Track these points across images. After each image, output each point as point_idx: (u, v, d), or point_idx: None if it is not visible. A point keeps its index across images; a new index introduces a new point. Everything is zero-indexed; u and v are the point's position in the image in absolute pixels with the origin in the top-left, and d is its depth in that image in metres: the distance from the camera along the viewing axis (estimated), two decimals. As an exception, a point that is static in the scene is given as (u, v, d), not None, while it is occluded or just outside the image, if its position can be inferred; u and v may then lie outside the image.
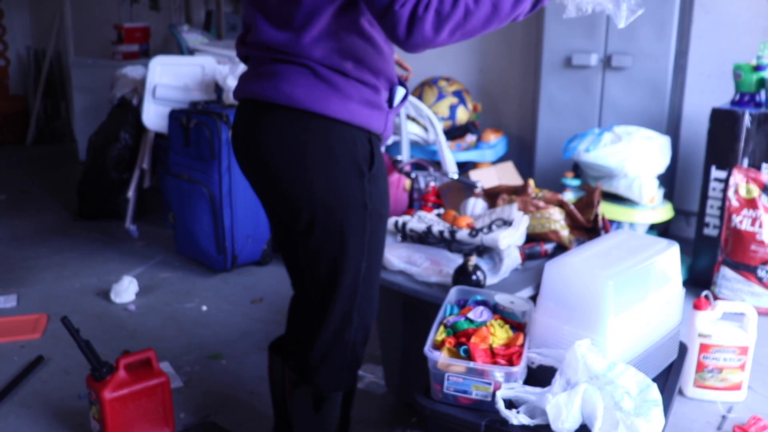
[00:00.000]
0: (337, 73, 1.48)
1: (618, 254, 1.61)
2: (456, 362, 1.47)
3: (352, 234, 1.56)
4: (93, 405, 2.04)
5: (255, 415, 2.27)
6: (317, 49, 1.46)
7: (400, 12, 1.32)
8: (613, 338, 1.49)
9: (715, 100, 3.25)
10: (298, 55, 1.47)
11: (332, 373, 1.67)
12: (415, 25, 1.33)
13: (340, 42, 1.47)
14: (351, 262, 1.58)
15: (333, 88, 1.48)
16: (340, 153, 1.51)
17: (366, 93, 1.52)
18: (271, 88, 1.50)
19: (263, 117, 1.54)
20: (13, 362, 2.59)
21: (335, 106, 1.49)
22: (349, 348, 1.65)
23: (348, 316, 1.63)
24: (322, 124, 1.50)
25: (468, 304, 1.70)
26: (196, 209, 3.33)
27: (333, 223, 1.55)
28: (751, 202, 2.93)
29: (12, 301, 3.12)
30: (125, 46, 5.33)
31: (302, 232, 1.58)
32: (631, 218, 3.14)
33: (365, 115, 1.52)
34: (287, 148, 1.53)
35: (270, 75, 1.51)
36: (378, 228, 1.60)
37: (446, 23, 1.34)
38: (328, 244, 1.58)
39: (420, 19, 1.32)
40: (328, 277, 1.60)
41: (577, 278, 1.52)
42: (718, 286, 3.02)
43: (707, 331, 2.25)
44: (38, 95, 6.38)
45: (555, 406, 1.37)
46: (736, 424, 2.16)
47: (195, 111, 3.36)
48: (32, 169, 5.57)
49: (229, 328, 2.88)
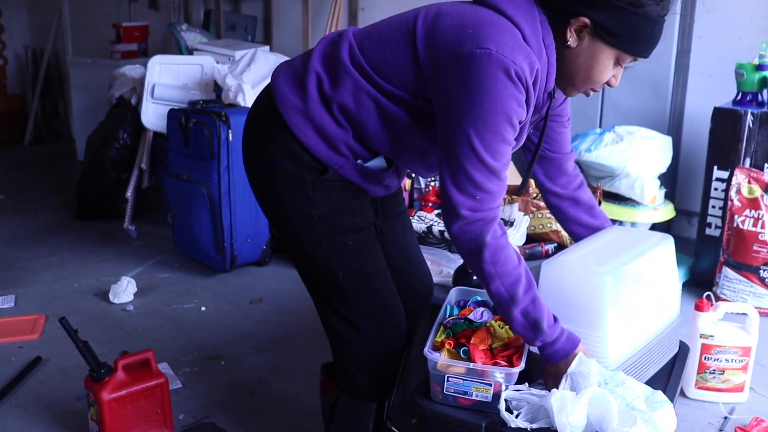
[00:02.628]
0: (321, 100, 1.47)
1: (613, 250, 1.60)
2: (456, 363, 1.45)
3: (307, 242, 1.54)
4: (91, 406, 2.03)
5: (254, 416, 2.26)
6: (346, 86, 1.44)
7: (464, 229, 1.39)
8: (614, 334, 1.48)
9: (716, 99, 3.24)
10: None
11: (348, 379, 1.66)
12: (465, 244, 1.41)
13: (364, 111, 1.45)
14: (321, 270, 1.56)
15: (304, 101, 1.48)
16: (274, 153, 1.51)
17: (329, 127, 1.48)
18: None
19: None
20: (11, 363, 2.57)
21: (294, 117, 1.48)
22: (361, 358, 1.62)
23: (343, 323, 1.59)
24: (274, 123, 1.51)
25: (468, 305, 1.69)
26: (195, 209, 3.32)
27: (281, 227, 1.58)
28: (754, 202, 2.92)
29: (10, 301, 3.11)
30: (124, 45, 5.32)
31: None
32: (633, 218, 3.14)
33: (314, 141, 1.49)
34: (246, 138, 1.59)
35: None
36: (339, 238, 1.54)
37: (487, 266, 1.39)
38: (290, 251, 1.61)
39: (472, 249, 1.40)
40: (306, 282, 1.63)
41: (574, 276, 1.51)
42: (720, 287, 3.01)
43: (709, 331, 2.24)
44: (36, 95, 6.36)
45: (560, 398, 1.35)
46: (738, 426, 2.15)
47: (194, 110, 3.35)
48: (30, 169, 5.56)
49: (228, 329, 2.87)
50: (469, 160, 1.35)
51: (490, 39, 1.32)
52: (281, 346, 2.72)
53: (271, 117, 1.50)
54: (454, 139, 1.35)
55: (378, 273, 1.61)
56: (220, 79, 3.65)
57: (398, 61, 1.41)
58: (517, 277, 1.40)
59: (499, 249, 1.39)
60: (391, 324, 1.62)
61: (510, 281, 1.40)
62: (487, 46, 1.31)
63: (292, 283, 3.32)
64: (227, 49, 4.15)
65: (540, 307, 1.41)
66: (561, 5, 1.39)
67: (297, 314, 2.98)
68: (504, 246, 1.40)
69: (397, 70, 1.41)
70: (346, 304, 1.57)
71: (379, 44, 1.43)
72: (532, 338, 1.42)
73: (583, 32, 1.40)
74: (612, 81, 1.48)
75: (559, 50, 1.42)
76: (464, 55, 1.32)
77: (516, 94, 1.34)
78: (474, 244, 1.39)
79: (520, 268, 1.41)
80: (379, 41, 1.44)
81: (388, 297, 1.61)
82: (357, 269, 1.57)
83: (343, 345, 1.62)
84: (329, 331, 1.64)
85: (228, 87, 3.54)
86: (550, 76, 1.44)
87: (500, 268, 1.39)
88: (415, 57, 1.39)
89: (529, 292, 1.41)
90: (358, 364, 1.62)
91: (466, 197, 1.37)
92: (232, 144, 3.23)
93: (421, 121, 1.44)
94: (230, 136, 3.22)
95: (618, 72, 1.47)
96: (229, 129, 3.22)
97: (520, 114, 1.37)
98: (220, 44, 4.40)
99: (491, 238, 1.38)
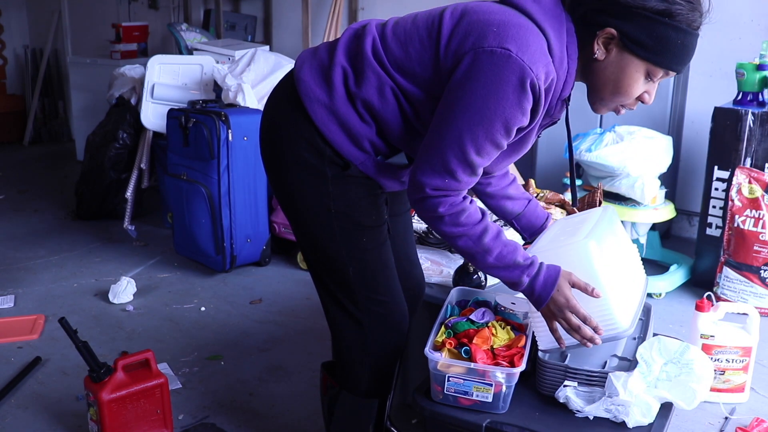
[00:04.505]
0: (346, 93, 1.46)
1: (573, 230, 1.58)
2: (456, 363, 1.45)
3: (321, 236, 1.54)
4: (91, 406, 2.03)
5: (254, 417, 2.25)
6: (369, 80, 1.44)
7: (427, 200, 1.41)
8: (615, 297, 1.46)
9: (717, 99, 3.24)
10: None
11: (348, 374, 1.66)
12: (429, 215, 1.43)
13: (382, 98, 1.44)
14: (332, 264, 1.56)
15: (329, 96, 1.46)
16: (297, 145, 1.50)
17: (354, 123, 1.47)
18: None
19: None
20: (10, 363, 2.57)
21: (319, 111, 1.47)
22: (365, 354, 1.62)
23: (348, 318, 1.60)
24: (291, 114, 1.50)
25: (469, 305, 1.68)
26: (195, 209, 3.31)
27: (295, 219, 1.58)
28: (754, 202, 2.91)
29: (9, 301, 3.10)
30: (123, 45, 5.31)
31: None
32: (633, 218, 3.13)
33: (338, 137, 1.48)
34: (266, 128, 1.59)
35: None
36: (354, 234, 1.54)
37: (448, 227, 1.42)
38: (301, 242, 1.61)
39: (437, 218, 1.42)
40: (314, 275, 1.63)
41: (559, 255, 1.47)
42: (720, 287, 3.01)
43: (710, 332, 2.24)
44: (36, 94, 6.36)
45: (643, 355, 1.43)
46: (739, 426, 2.14)
47: (194, 110, 3.34)
48: (30, 169, 5.55)
49: (227, 329, 2.86)
50: (451, 149, 1.35)
51: (513, 40, 1.30)
52: (281, 346, 2.72)
53: (294, 108, 1.49)
54: (446, 125, 1.35)
55: (387, 270, 1.61)
56: (219, 79, 3.64)
57: (422, 60, 1.40)
58: (483, 230, 1.42)
59: (457, 214, 1.41)
60: (394, 321, 1.62)
61: (476, 235, 1.42)
62: (508, 47, 1.29)
63: (292, 283, 3.31)
64: (227, 49, 4.15)
65: (514, 248, 1.43)
66: (588, 17, 1.36)
67: (297, 314, 2.98)
68: (464, 208, 1.41)
69: (419, 68, 1.40)
70: (352, 299, 1.58)
71: (404, 42, 1.42)
72: (516, 278, 1.42)
73: (611, 44, 1.36)
74: (645, 97, 1.43)
75: (587, 63, 1.40)
76: (484, 51, 1.30)
77: (523, 103, 1.32)
78: (431, 213, 1.42)
79: (484, 221, 1.43)
80: (404, 38, 1.42)
81: (393, 295, 1.62)
82: (368, 266, 1.57)
83: (346, 339, 1.63)
84: (332, 324, 1.64)
85: (228, 87, 3.54)
86: (567, 85, 1.41)
87: (462, 228, 1.41)
88: (436, 55, 1.38)
89: (499, 239, 1.43)
90: (360, 359, 1.62)
91: (434, 177, 1.38)
92: (232, 144, 3.23)
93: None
94: (230, 136, 3.22)
95: (651, 88, 1.42)
96: (229, 129, 3.21)
97: (521, 122, 1.35)
98: (219, 44, 4.40)
99: (448, 207, 1.41)
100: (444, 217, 1.41)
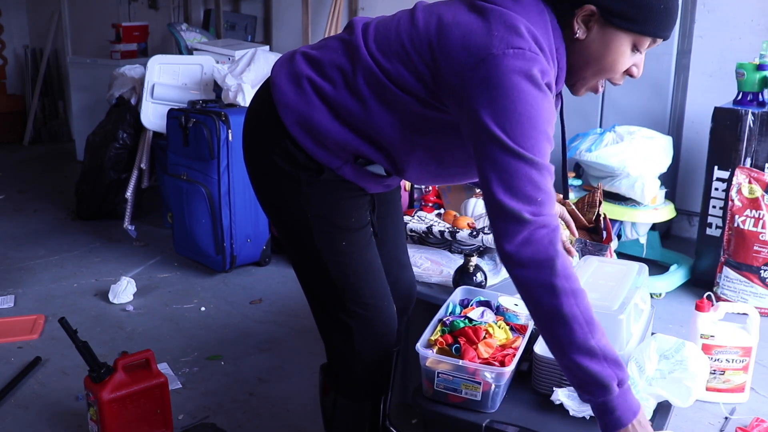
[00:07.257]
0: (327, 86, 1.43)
1: (606, 284, 1.62)
2: (446, 360, 1.45)
3: (300, 240, 1.53)
4: (91, 406, 2.03)
5: (254, 416, 2.25)
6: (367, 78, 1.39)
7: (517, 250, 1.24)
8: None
9: (717, 99, 3.24)
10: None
11: (342, 380, 1.65)
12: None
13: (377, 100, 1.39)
14: (315, 268, 1.55)
15: (303, 101, 1.44)
16: (270, 151, 1.49)
17: (327, 129, 1.43)
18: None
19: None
20: (10, 363, 2.57)
21: (291, 117, 1.45)
22: (353, 358, 1.60)
23: (335, 323, 1.58)
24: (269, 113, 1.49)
25: (471, 304, 1.68)
26: (195, 209, 3.32)
27: (276, 224, 1.58)
28: (754, 202, 2.91)
29: (9, 301, 3.10)
30: (123, 45, 5.31)
31: None
32: (633, 218, 3.13)
33: (310, 142, 1.45)
34: (245, 135, 1.58)
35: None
36: (332, 237, 1.50)
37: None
38: (286, 247, 1.61)
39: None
40: (301, 280, 1.62)
41: None
42: (720, 287, 3.01)
43: (710, 332, 2.24)
44: (36, 94, 6.36)
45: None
46: (739, 426, 2.14)
47: (194, 110, 3.34)
48: (30, 169, 5.55)
49: (228, 329, 2.86)
50: (518, 161, 1.23)
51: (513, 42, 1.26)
52: (281, 346, 2.72)
53: (268, 114, 1.48)
54: (495, 145, 1.24)
55: (371, 273, 1.56)
56: (219, 79, 3.64)
57: (406, 69, 1.36)
58: (587, 298, 1.24)
59: (569, 262, 1.25)
60: (382, 325, 1.59)
61: (585, 301, 1.23)
62: (519, 45, 1.25)
63: (292, 283, 3.31)
64: (227, 49, 4.15)
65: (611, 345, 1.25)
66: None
67: (297, 314, 2.98)
68: (570, 262, 1.26)
69: (404, 76, 1.36)
70: (337, 303, 1.55)
71: (386, 49, 1.38)
72: (608, 379, 1.24)
73: (591, 21, 1.31)
74: (633, 70, 1.36)
75: (568, 44, 1.34)
76: (494, 57, 1.25)
77: (549, 98, 1.28)
78: (544, 255, 1.22)
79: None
80: (385, 45, 1.39)
81: (379, 298, 1.58)
82: (350, 269, 1.53)
83: (334, 343, 1.61)
84: (321, 329, 1.63)
85: (228, 87, 3.54)
86: (560, 80, 1.38)
87: (574, 283, 1.23)
88: (423, 65, 1.34)
89: (597, 322, 1.25)
90: (350, 365, 1.60)
91: (524, 202, 1.23)
92: (232, 144, 3.23)
93: (424, 127, 1.40)
94: (230, 136, 3.22)
95: (639, 60, 1.35)
96: (229, 129, 3.21)
97: (553, 115, 1.31)
98: (219, 44, 4.39)
99: (561, 247, 1.24)
100: (560, 256, 1.22)
